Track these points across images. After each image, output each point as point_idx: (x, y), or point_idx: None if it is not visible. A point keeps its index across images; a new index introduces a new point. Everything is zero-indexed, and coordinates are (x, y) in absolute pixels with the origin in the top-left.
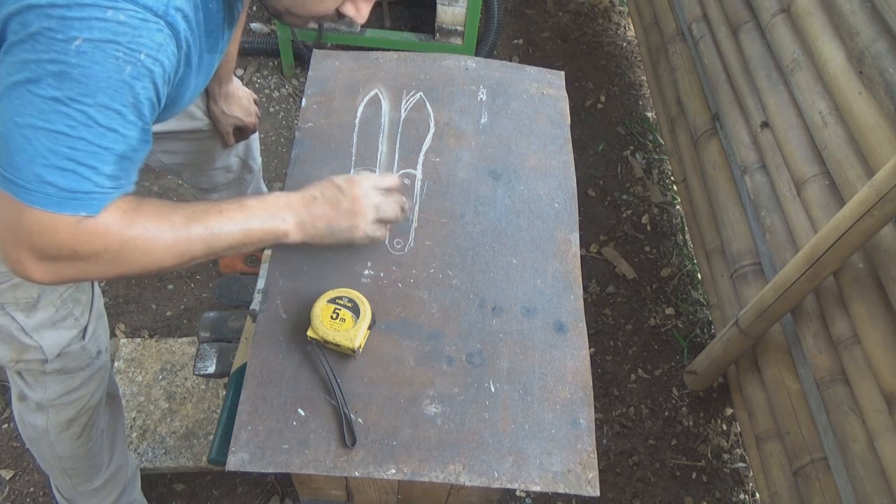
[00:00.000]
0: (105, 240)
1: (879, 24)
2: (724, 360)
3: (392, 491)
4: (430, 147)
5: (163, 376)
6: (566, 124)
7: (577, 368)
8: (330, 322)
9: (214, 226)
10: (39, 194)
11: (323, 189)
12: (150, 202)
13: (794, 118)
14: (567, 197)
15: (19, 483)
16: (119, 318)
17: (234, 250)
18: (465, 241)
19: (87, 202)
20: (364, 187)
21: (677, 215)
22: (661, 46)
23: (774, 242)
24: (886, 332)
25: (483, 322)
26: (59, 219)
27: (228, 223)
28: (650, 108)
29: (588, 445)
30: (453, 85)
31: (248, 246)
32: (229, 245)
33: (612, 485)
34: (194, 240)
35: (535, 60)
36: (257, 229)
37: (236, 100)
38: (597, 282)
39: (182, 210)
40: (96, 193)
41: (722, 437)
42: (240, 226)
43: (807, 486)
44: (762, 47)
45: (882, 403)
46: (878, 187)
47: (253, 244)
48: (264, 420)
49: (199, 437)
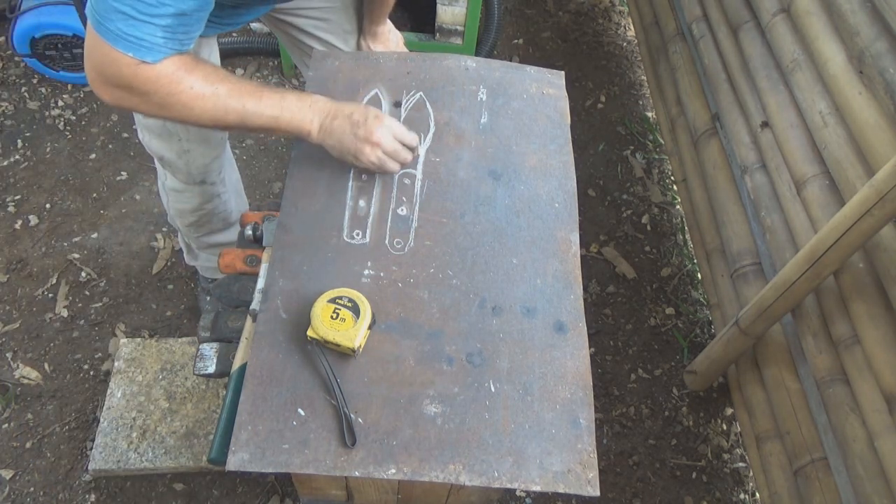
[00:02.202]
0: (156, 86)
1: (879, 24)
2: (724, 360)
3: (392, 491)
4: (430, 147)
5: (163, 376)
6: (566, 124)
7: (577, 368)
8: (330, 322)
9: (251, 106)
10: (107, 30)
11: (353, 111)
12: (204, 66)
13: (794, 118)
14: (567, 197)
15: (19, 483)
16: (119, 318)
17: (263, 132)
18: (465, 241)
19: (142, 49)
20: (384, 130)
21: (677, 215)
22: (662, 46)
23: (774, 242)
24: (886, 332)
25: (483, 322)
26: (121, 56)
27: (264, 108)
28: (650, 107)
29: (588, 445)
30: (453, 85)
31: (275, 132)
32: (260, 126)
33: (612, 485)
34: (230, 112)
35: (535, 60)
36: (286, 121)
37: (384, 41)
38: (597, 282)
39: (228, 82)
40: (149, 43)
41: (722, 437)
42: (272, 113)
43: (807, 485)
44: (762, 47)
45: (882, 403)
46: (878, 187)
47: (280, 132)
48: (264, 420)
49: (199, 436)
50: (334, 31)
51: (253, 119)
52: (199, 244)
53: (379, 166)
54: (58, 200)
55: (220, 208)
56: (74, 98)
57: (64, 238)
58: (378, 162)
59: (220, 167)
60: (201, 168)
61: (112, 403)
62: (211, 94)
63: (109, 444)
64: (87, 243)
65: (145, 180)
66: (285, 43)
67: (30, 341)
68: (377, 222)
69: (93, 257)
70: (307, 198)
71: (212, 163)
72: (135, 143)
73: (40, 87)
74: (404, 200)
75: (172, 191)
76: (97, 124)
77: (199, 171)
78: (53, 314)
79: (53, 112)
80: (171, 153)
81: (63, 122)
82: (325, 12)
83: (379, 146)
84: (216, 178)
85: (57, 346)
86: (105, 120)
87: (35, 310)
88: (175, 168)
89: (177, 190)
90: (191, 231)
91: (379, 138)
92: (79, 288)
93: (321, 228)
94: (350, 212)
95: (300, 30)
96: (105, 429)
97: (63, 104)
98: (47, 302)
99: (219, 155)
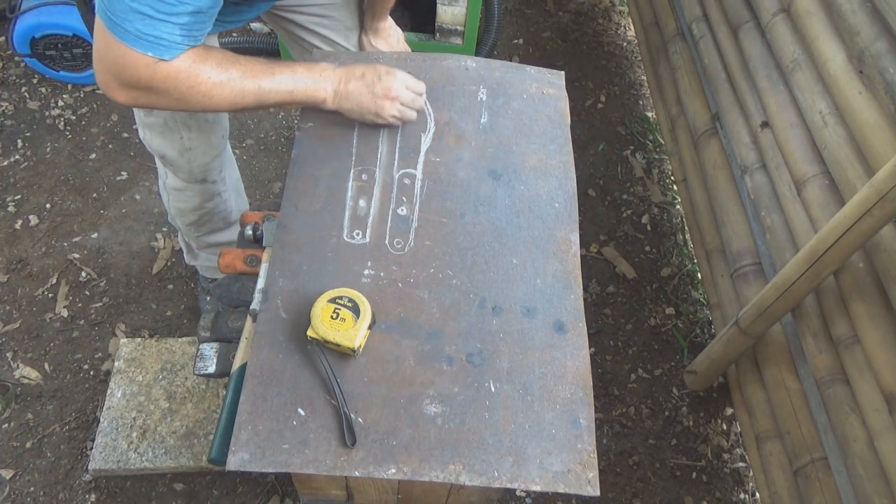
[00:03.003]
0: (175, 82)
1: (879, 24)
2: (724, 360)
3: (392, 491)
4: (430, 147)
5: (163, 376)
6: (566, 124)
7: (577, 368)
8: (330, 322)
9: (266, 84)
10: (125, 31)
11: (365, 71)
12: (215, 54)
13: (794, 118)
14: (567, 197)
15: (19, 483)
16: (119, 318)
17: (280, 106)
18: (465, 240)
19: (161, 47)
20: (398, 83)
21: (677, 215)
22: (662, 46)
23: (774, 242)
24: (886, 331)
25: (483, 322)
26: (139, 57)
27: (279, 84)
28: (650, 107)
29: (588, 445)
30: (453, 85)
31: (291, 104)
32: (276, 101)
33: (612, 484)
34: (247, 93)
35: (535, 60)
36: (301, 92)
37: (385, 37)
38: (597, 282)
39: (241, 65)
40: (167, 41)
41: (722, 437)
42: (287, 86)
43: (807, 485)
44: (762, 47)
45: (882, 403)
46: (878, 187)
47: (296, 103)
48: (264, 420)
49: (199, 436)
50: (336, 27)
51: (270, 97)
52: (200, 244)
53: (400, 118)
54: (58, 200)
55: (220, 207)
56: (74, 98)
57: (64, 238)
58: (399, 114)
59: (220, 165)
60: (202, 166)
61: (112, 403)
62: (227, 80)
63: (109, 443)
64: (87, 243)
65: (145, 180)
66: (286, 40)
67: (30, 341)
68: (377, 222)
69: (93, 257)
70: (307, 198)
71: (213, 161)
72: (135, 142)
73: (40, 87)
74: (404, 200)
75: (173, 189)
76: (97, 124)
77: (200, 168)
78: (53, 314)
79: (53, 112)
80: (172, 151)
81: (63, 122)
82: (327, 9)
83: (398, 99)
84: (217, 177)
85: (57, 346)
86: (105, 120)
87: (35, 310)
88: (176, 166)
89: (178, 189)
90: (191, 230)
91: (397, 92)
92: (79, 288)
93: (321, 228)
94: (350, 212)
95: (301, 27)
96: (105, 429)
97: (63, 104)
98: (47, 302)
99: (220, 153)
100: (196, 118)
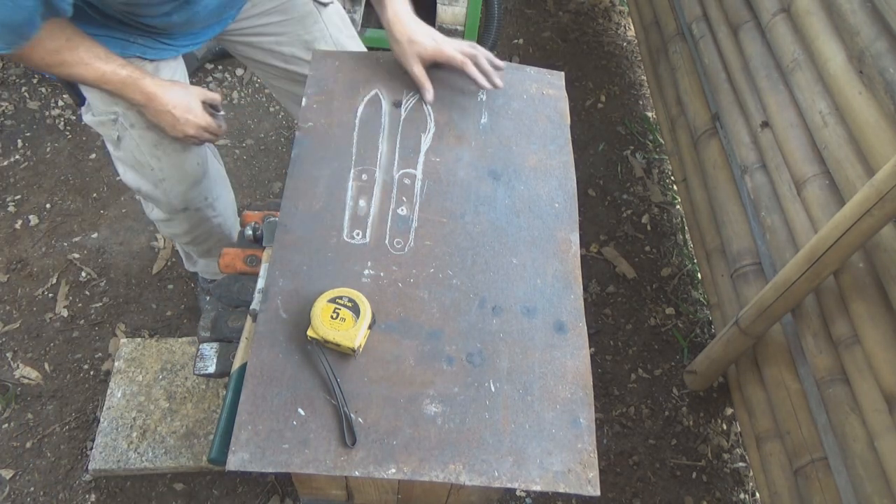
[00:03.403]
0: None
1: (879, 24)
2: (724, 360)
3: (392, 490)
4: (430, 147)
5: (163, 376)
6: (566, 124)
7: (577, 368)
8: (330, 322)
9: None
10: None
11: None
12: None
13: (794, 118)
14: (567, 197)
15: (19, 483)
16: (119, 318)
17: None
18: (465, 241)
19: None
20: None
21: (677, 215)
22: (662, 46)
23: (774, 242)
24: (886, 331)
25: (483, 322)
26: None
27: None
28: (650, 107)
29: (588, 445)
30: (453, 85)
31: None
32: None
33: (612, 484)
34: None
35: (535, 60)
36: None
37: None
38: (597, 282)
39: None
40: None
41: (722, 437)
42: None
43: (807, 485)
44: (762, 47)
45: (882, 403)
46: (878, 187)
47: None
48: (264, 420)
49: (199, 436)
50: (293, 42)
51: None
52: (199, 253)
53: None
54: (58, 200)
55: (215, 230)
56: None
57: (64, 238)
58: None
59: (204, 192)
60: (180, 195)
61: (112, 403)
62: None
63: (109, 443)
64: (87, 243)
65: None
66: (258, 74)
67: (30, 341)
68: (377, 222)
69: (93, 257)
70: (307, 198)
71: (190, 189)
72: None
73: (40, 87)
74: (404, 200)
75: (158, 221)
76: None
77: (178, 198)
78: (53, 314)
79: (53, 112)
80: (147, 184)
81: (63, 122)
82: (281, 26)
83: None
84: (201, 204)
85: (57, 346)
86: None
87: (35, 310)
88: (154, 199)
89: (162, 220)
90: (190, 247)
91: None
92: (79, 288)
93: (321, 228)
94: (350, 212)
95: (261, 49)
96: (105, 429)
97: (63, 104)
98: (47, 302)
99: (198, 180)
100: (163, 147)
